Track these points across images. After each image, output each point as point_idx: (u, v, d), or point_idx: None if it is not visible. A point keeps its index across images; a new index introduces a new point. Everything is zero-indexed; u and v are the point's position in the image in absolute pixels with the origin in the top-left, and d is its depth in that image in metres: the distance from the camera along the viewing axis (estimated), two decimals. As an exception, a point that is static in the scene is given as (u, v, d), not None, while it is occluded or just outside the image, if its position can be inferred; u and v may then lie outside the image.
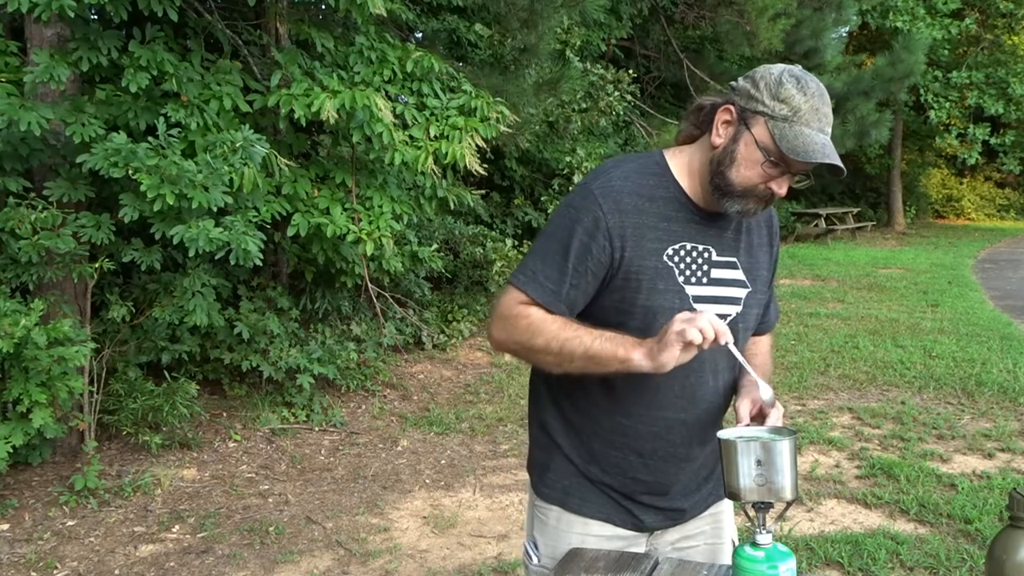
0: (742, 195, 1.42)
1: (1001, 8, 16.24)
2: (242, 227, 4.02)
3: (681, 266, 1.49)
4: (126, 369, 4.67)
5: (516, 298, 1.48)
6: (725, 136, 1.44)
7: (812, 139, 1.36)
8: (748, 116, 1.41)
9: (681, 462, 1.58)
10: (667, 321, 1.41)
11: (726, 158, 1.43)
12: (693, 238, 1.50)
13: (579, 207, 1.46)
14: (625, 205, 1.45)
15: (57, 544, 3.69)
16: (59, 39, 4.09)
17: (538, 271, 1.47)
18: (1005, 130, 17.55)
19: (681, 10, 10.82)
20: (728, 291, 1.53)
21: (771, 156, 1.38)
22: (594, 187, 1.47)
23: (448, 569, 3.47)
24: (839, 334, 7.67)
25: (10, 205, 3.84)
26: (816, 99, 1.37)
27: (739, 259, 1.55)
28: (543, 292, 1.46)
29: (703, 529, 1.67)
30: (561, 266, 1.45)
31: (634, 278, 1.46)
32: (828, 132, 1.38)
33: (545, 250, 1.48)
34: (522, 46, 6.84)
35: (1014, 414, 5.29)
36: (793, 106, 1.37)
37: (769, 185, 1.41)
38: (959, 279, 11.28)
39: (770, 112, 1.38)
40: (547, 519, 1.61)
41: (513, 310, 1.47)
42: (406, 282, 6.71)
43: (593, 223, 1.44)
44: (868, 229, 17.77)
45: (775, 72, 1.41)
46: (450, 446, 4.97)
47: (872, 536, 3.60)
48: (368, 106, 4.32)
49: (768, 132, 1.38)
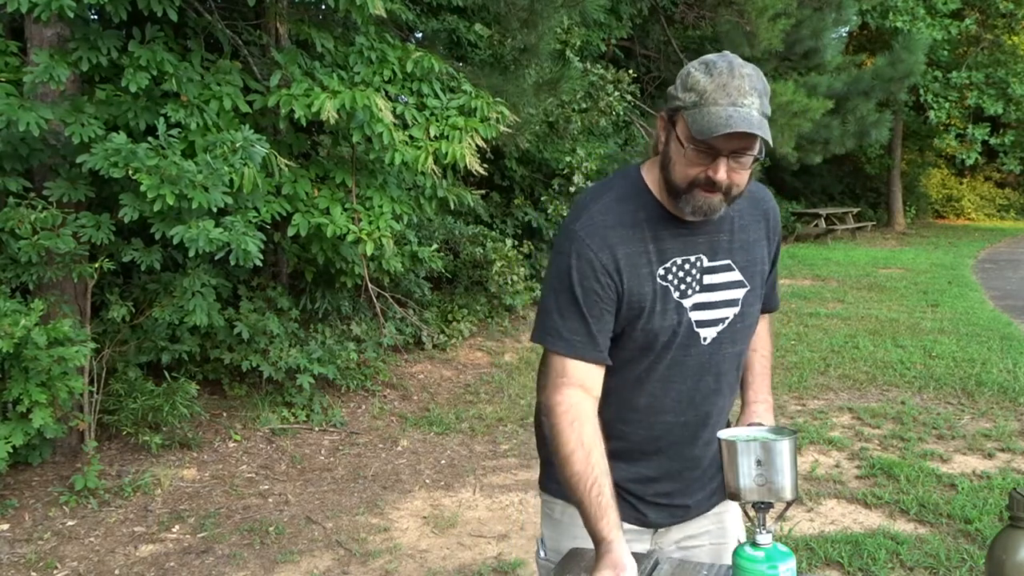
0: (687, 190, 1.41)
1: (1001, 8, 16.23)
2: (242, 227, 4.02)
3: (675, 282, 1.49)
4: (126, 369, 4.67)
5: (555, 379, 1.47)
6: (664, 140, 1.46)
7: (717, 115, 1.33)
8: (672, 116, 1.42)
9: (685, 461, 1.59)
10: (667, 337, 1.48)
11: (666, 161, 1.44)
12: (683, 251, 1.50)
13: (570, 252, 1.46)
14: (612, 239, 1.46)
15: (57, 544, 3.69)
16: (59, 39, 4.09)
17: (561, 327, 1.47)
18: (1005, 130, 17.54)
19: (681, 10, 10.82)
20: (723, 294, 1.53)
21: (690, 144, 1.37)
22: (577, 228, 1.47)
23: (448, 569, 3.47)
24: (839, 334, 7.67)
25: (10, 205, 3.84)
26: (723, 76, 1.35)
27: (734, 259, 1.54)
28: (574, 347, 1.46)
29: (708, 528, 1.67)
30: (579, 315, 1.46)
31: (636, 306, 1.47)
32: (743, 103, 1.34)
33: (558, 304, 1.48)
34: (522, 46, 6.84)
35: (1014, 414, 5.29)
36: (699, 90, 1.36)
37: (707, 174, 1.39)
38: (959, 279, 11.28)
39: (683, 103, 1.38)
40: (552, 513, 1.63)
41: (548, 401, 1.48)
42: (406, 282, 6.71)
43: (589, 266, 1.45)
44: (868, 229, 17.77)
45: (687, 66, 1.42)
46: (450, 446, 4.97)
47: (872, 536, 3.59)
48: (368, 106, 4.32)
49: (684, 123, 1.38)
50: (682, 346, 1.51)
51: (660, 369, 1.52)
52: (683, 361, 1.52)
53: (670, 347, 1.50)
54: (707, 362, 1.53)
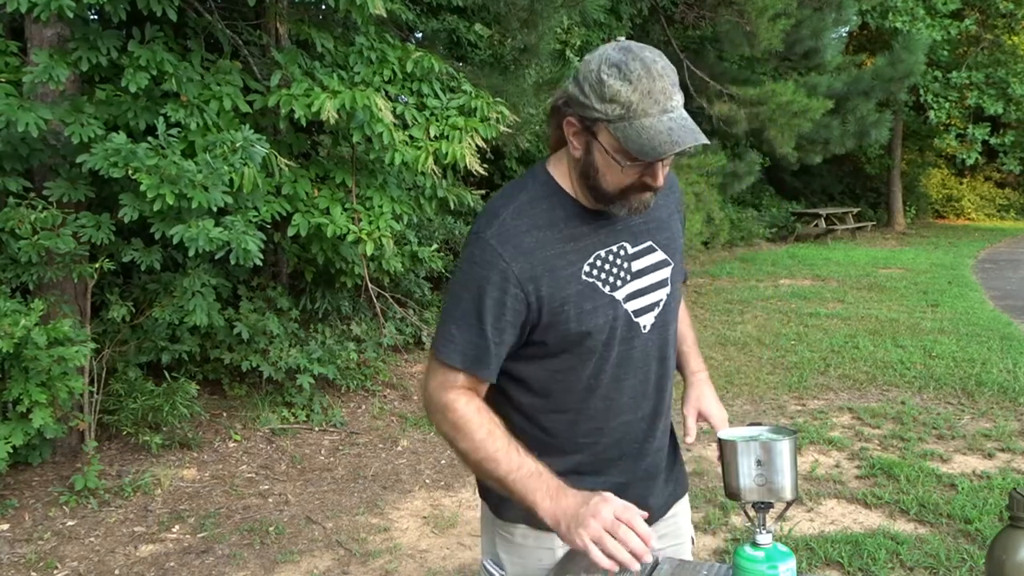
0: (622, 196, 1.36)
1: (1001, 8, 16.23)
2: (242, 227, 4.02)
3: (602, 276, 1.44)
4: (126, 369, 4.67)
5: (443, 381, 1.43)
6: (580, 147, 1.36)
7: (656, 129, 1.25)
8: (590, 124, 1.31)
9: (647, 457, 1.56)
10: (606, 335, 1.42)
11: (589, 170, 1.36)
12: (604, 243, 1.45)
13: (481, 262, 1.38)
14: (526, 245, 1.38)
15: (57, 544, 3.69)
16: (59, 39, 4.09)
17: (456, 337, 1.41)
18: (1005, 130, 17.54)
19: (681, 10, 10.83)
20: (653, 277, 1.50)
21: (626, 160, 1.30)
22: (488, 236, 1.38)
23: (448, 569, 3.47)
24: (839, 334, 7.67)
25: (10, 205, 3.84)
26: (643, 81, 1.25)
27: (655, 240, 1.51)
28: (467, 360, 1.40)
29: (664, 531, 1.64)
30: (479, 329, 1.39)
31: (561, 311, 1.41)
32: (673, 106, 1.27)
33: (459, 314, 1.41)
34: (522, 46, 6.85)
35: (1014, 414, 5.29)
36: (623, 102, 1.26)
37: (643, 180, 1.33)
38: (959, 279, 11.28)
39: (605, 116, 1.28)
40: (512, 537, 1.56)
41: (442, 398, 1.42)
42: (406, 282, 6.71)
43: (501, 276, 1.37)
44: (868, 229, 17.77)
45: (594, 69, 1.29)
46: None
47: (872, 536, 3.60)
48: (368, 106, 4.32)
49: (612, 137, 1.29)
50: (624, 340, 1.46)
51: (609, 369, 1.46)
52: (629, 355, 1.47)
53: (612, 344, 1.45)
54: (652, 349, 1.49)
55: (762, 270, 12.15)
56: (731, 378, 6.23)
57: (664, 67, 1.28)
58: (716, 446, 1.44)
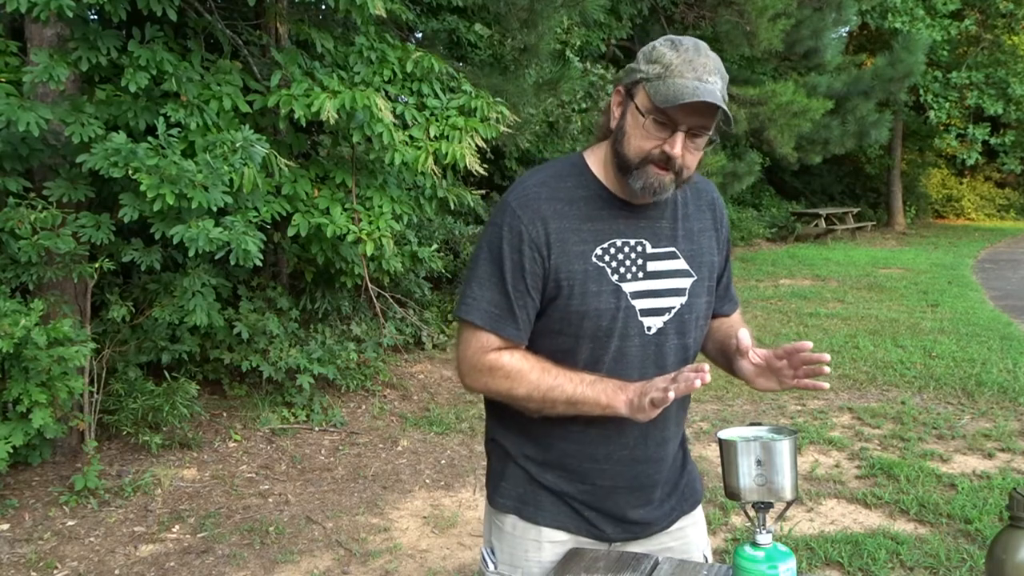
0: (639, 166, 1.40)
1: (1001, 8, 16.23)
2: (242, 227, 4.02)
3: (613, 264, 1.46)
4: (126, 369, 4.67)
5: (478, 347, 1.46)
6: (619, 114, 1.45)
7: (684, 86, 1.34)
8: (632, 88, 1.42)
9: (637, 464, 1.55)
10: (606, 323, 1.44)
11: (620, 135, 1.43)
12: (623, 233, 1.47)
13: (501, 224, 1.45)
14: (544, 212, 1.44)
15: (57, 544, 3.69)
16: (59, 39, 4.09)
17: (480, 298, 1.45)
18: (1005, 130, 17.55)
19: (681, 10, 10.82)
20: (669, 283, 1.50)
21: (651, 114, 1.37)
22: (511, 200, 1.46)
23: (448, 569, 3.47)
24: (839, 334, 7.67)
25: (10, 205, 3.84)
26: (689, 52, 1.36)
27: (679, 248, 1.52)
28: (491, 319, 1.44)
29: (669, 545, 1.63)
30: (502, 289, 1.44)
31: (565, 284, 1.44)
32: (708, 80, 1.35)
33: (482, 276, 1.46)
34: (522, 46, 6.85)
35: (1014, 414, 5.29)
36: (665, 63, 1.37)
37: (663, 148, 1.38)
38: (959, 279, 11.28)
39: (646, 75, 1.39)
40: (503, 526, 1.59)
41: (484, 361, 1.46)
42: (406, 282, 6.71)
43: (518, 237, 1.43)
44: (868, 229, 17.77)
45: (654, 43, 1.42)
46: (450, 446, 4.97)
47: (872, 536, 3.60)
48: (368, 106, 4.32)
49: (646, 96, 1.38)
50: (623, 335, 1.47)
51: (606, 361, 1.47)
52: (627, 351, 1.48)
53: (611, 334, 1.46)
54: (651, 353, 1.49)
55: (762, 270, 12.15)
56: (731, 378, 6.22)
57: (715, 56, 1.39)
58: (717, 446, 1.44)
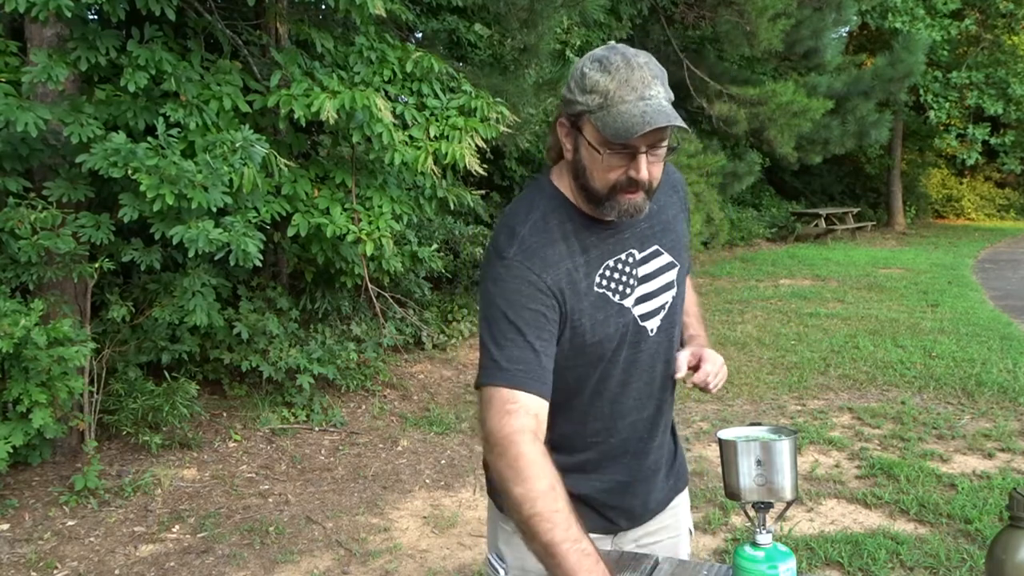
0: (609, 196, 1.37)
1: (1001, 8, 16.23)
2: (242, 227, 4.02)
3: (612, 285, 1.45)
4: (126, 369, 4.67)
5: (500, 408, 1.32)
6: (571, 147, 1.39)
7: (630, 113, 1.28)
8: (577, 120, 1.35)
9: (648, 456, 1.58)
10: (615, 343, 1.42)
11: (579, 169, 1.38)
12: (612, 252, 1.45)
13: (510, 279, 1.37)
14: (550, 258, 1.39)
15: (57, 544, 3.69)
16: (58, 39, 4.09)
17: (500, 358, 1.34)
18: (1005, 130, 17.54)
19: (681, 10, 10.82)
20: (660, 280, 1.51)
21: (606, 148, 1.32)
22: (512, 256, 1.38)
23: (448, 569, 3.47)
24: (839, 334, 7.67)
25: (10, 205, 3.84)
26: (622, 72, 1.29)
27: (661, 244, 1.51)
28: (517, 378, 1.33)
29: (666, 523, 1.66)
30: (523, 342, 1.35)
31: (579, 323, 1.42)
32: (651, 96, 1.29)
33: (498, 333, 1.36)
34: (522, 46, 6.85)
35: (1014, 414, 5.29)
36: (601, 91, 1.30)
37: (628, 175, 1.34)
38: (959, 279, 11.28)
39: (587, 107, 1.32)
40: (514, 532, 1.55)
41: (502, 430, 1.31)
42: (406, 282, 6.71)
43: (534, 288, 1.37)
44: (868, 229, 17.76)
45: (578, 67, 1.35)
46: (450, 446, 4.97)
47: (872, 536, 3.59)
48: (368, 106, 4.32)
49: (594, 128, 1.32)
50: (632, 344, 1.47)
51: (616, 374, 1.48)
52: (637, 359, 1.49)
53: (621, 349, 1.46)
54: (658, 351, 1.51)
55: (762, 270, 12.15)
56: (731, 378, 6.23)
57: (646, 61, 1.32)
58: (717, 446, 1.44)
